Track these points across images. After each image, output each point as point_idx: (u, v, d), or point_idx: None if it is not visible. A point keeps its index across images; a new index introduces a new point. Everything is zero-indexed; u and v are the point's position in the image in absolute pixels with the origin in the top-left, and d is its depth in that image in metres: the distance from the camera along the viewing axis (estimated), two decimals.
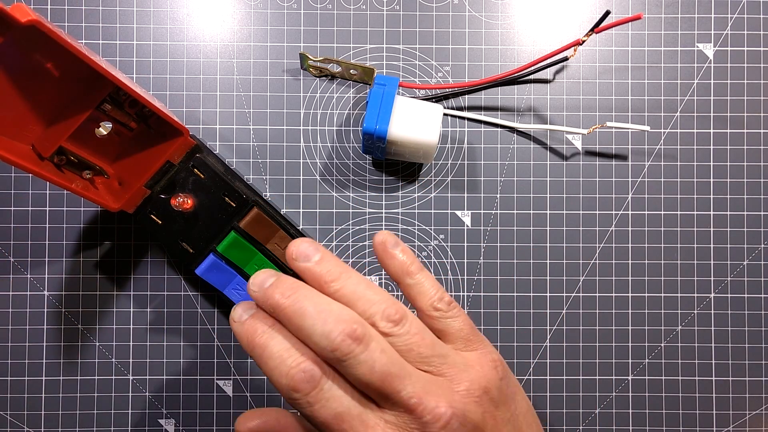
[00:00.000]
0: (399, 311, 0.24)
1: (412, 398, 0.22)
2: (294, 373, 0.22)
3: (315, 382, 0.22)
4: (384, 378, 0.22)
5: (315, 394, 0.22)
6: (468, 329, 0.26)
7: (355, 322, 0.23)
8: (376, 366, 0.22)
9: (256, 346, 0.24)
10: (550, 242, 0.35)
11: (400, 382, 0.22)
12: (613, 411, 0.35)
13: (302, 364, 0.23)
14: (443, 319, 0.26)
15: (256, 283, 0.25)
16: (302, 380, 0.22)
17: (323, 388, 0.22)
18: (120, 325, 0.34)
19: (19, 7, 0.21)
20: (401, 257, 0.26)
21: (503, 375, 0.26)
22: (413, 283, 0.26)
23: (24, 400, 0.34)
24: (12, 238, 0.34)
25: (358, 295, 0.24)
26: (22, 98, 0.26)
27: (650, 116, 0.35)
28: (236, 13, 0.35)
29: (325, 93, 0.35)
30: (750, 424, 0.35)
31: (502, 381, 0.25)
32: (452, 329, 0.26)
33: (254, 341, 0.24)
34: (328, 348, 0.22)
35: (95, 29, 0.35)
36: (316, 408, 0.22)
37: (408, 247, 0.27)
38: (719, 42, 0.35)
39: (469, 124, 0.35)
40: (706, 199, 0.35)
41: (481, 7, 0.35)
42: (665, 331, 0.35)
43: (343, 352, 0.22)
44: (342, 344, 0.22)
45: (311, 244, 0.26)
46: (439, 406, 0.22)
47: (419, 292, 0.26)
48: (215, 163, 0.31)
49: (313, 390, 0.22)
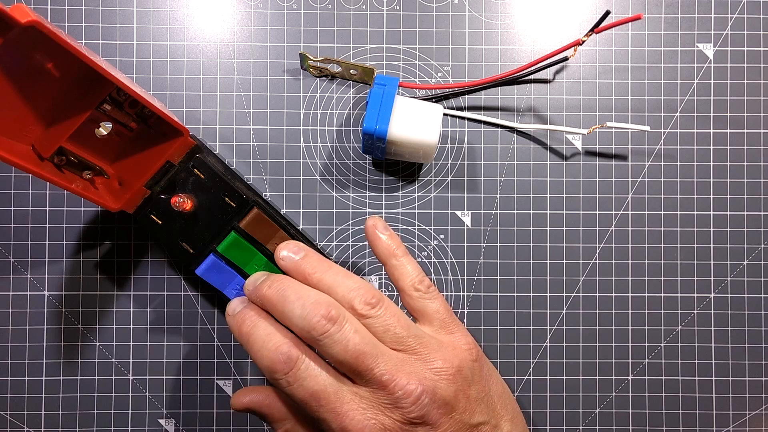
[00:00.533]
0: (376, 296, 0.26)
1: (384, 375, 0.24)
2: (273, 355, 0.25)
3: (292, 363, 0.24)
4: (357, 356, 0.24)
5: (293, 373, 0.24)
6: (444, 312, 0.28)
7: (331, 305, 0.25)
8: (350, 344, 0.24)
9: (243, 333, 0.26)
10: (550, 242, 0.35)
11: (373, 360, 0.24)
12: (613, 411, 0.35)
13: (281, 347, 0.25)
14: (422, 299, 0.28)
15: (250, 282, 0.28)
16: (280, 361, 0.24)
17: (300, 368, 0.24)
18: (120, 325, 0.34)
19: (19, 8, 0.21)
20: (387, 241, 0.28)
21: (476, 357, 0.27)
22: (397, 264, 0.28)
23: (24, 400, 0.34)
24: (12, 238, 0.34)
25: (337, 282, 0.26)
26: (22, 98, 0.26)
27: (650, 116, 0.35)
28: (236, 13, 0.35)
29: (325, 93, 0.35)
30: (750, 424, 0.35)
31: (475, 363, 0.27)
32: (430, 310, 0.28)
33: (242, 329, 0.26)
34: (305, 329, 0.24)
35: (95, 29, 0.35)
36: (295, 387, 0.24)
37: (395, 234, 0.29)
38: (719, 42, 0.35)
39: (469, 124, 0.35)
40: (706, 199, 0.35)
41: (481, 7, 0.35)
42: (665, 331, 0.35)
43: (319, 331, 0.24)
44: (318, 324, 0.24)
45: (296, 244, 0.28)
46: (410, 382, 0.24)
47: (402, 273, 0.28)
48: (215, 163, 0.31)
49: (291, 370, 0.24)
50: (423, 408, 0.24)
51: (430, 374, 0.25)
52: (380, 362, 0.24)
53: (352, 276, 0.27)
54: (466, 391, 0.25)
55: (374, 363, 0.24)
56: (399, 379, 0.24)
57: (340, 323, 0.24)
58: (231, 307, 0.28)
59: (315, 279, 0.27)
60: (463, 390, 0.25)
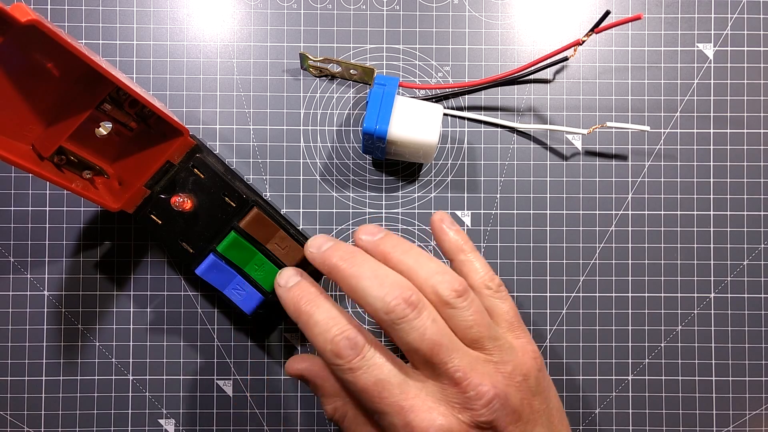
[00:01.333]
0: (462, 284, 0.24)
1: (458, 372, 0.23)
2: (339, 340, 0.23)
3: (358, 349, 0.23)
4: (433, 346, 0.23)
5: (358, 360, 0.23)
6: (514, 314, 0.27)
7: (411, 289, 0.23)
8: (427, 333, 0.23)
9: (302, 312, 0.25)
10: (550, 242, 0.35)
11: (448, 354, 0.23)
12: (613, 411, 0.35)
13: (347, 332, 0.23)
14: (492, 298, 0.26)
15: (314, 245, 0.26)
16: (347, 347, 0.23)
17: (366, 356, 0.23)
18: (120, 325, 0.34)
19: (19, 7, 0.21)
20: (454, 236, 0.27)
21: (541, 367, 0.26)
22: (465, 260, 0.27)
23: (24, 400, 0.34)
24: (12, 238, 0.34)
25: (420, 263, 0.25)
26: (22, 98, 0.26)
27: (650, 116, 0.35)
28: (236, 13, 0.35)
29: (325, 93, 0.35)
30: (750, 424, 0.35)
31: (540, 372, 0.25)
32: (500, 310, 0.26)
33: (301, 308, 0.25)
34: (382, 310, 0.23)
35: (95, 29, 0.35)
36: (358, 374, 0.23)
37: (462, 230, 0.28)
38: (719, 42, 0.35)
39: (469, 124, 0.35)
40: (706, 199, 0.35)
41: (481, 7, 0.35)
42: (665, 331, 0.35)
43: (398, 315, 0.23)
44: (397, 307, 0.23)
45: (376, 226, 0.27)
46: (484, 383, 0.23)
47: (471, 269, 0.27)
48: (215, 163, 0.31)
49: (356, 357, 0.23)
50: (494, 412, 0.23)
51: (501, 378, 0.24)
52: (455, 357, 0.23)
53: (435, 259, 0.25)
54: (531, 401, 0.24)
55: (449, 357, 0.23)
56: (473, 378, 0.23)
57: (420, 309, 0.23)
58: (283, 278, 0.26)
59: (395, 258, 0.25)
60: (528, 399, 0.24)
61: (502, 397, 0.23)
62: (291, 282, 0.26)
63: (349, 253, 0.25)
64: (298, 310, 0.25)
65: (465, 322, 0.24)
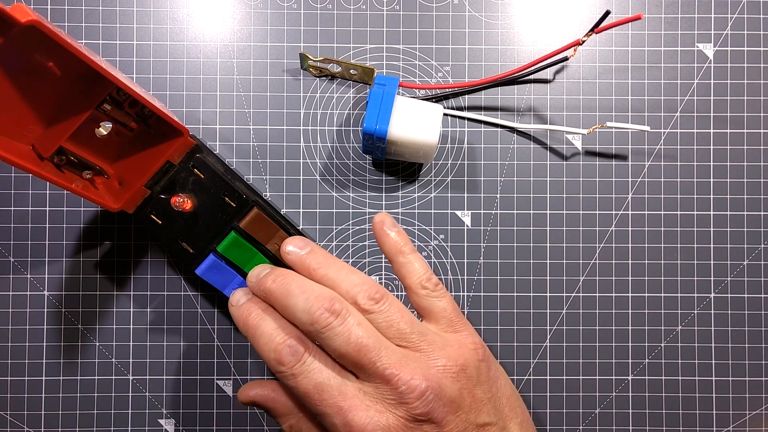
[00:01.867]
0: (380, 292, 0.26)
1: (387, 369, 0.24)
2: (280, 348, 0.25)
3: (299, 356, 0.25)
4: (359, 349, 0.24)
5: (298, 366, 0.24)
6: (452, 310, 0.28)
7: (334, 299, 0.25)
8: (352, 337, 0.24)
9: (249, 326, 0.26)
10: (550, 242, 0.35)
11: (376, 353, 0.24)
12: (613, 411, 0.35)
13: (288, 341, 0.25)
14: (429, 297, 0.27)
15: (253, 274, 0.28)
16: (288, 353, 0.24)
17: (305, 362, 0.24)
18: (120, 325, 0.34)
19: (19, 7, 0.21)
20: (395, 237, 0.28)
21: (483, 357, 0.27)
22: (404, 261, 0.28)
23: (24, 400, 0.34)
24: (12, 238, 0.34)
25: (341, 278, 0.26)
26: (22, 98, 0.26)
27: (650, 116, 0.35)
28: (236, 13, 0.35)
29: (325, 93, 0.35)
30: (750, 424, 0.35)
31: (481, 363, 0.26)
32: (437, 308, 0.27)
33: (248, 322, 0.26)
34: (308, 321, 0.24)
35: (95, 29, 0.35)
36: (299, 379, 0.24)
37: (403, 230, 0.29)
38: (719, 42, 0.35)
39: (469, 124, 0.35)
40: (706, 199, 0.35)
41: (481, 7, 0.35)
42: (665, 331, 0.35)
43: (321, 324, 0.24)
44: (321, 317, 0.24)
45: (302, 239, 0.29)
46: (414, 377, 0.24)
47: (409, 271, 0.28)
48: (215, 163, 0.31)
49: (297, 363, 0.24)
50: (428, 404, 0.23)
51: (434, 371, 0.24)
52: (383, 356, 0.24)
53: (356, 272, 0.27)
54: (472, 391, 0.25)
55: (377, 356, 0.24)
56: (402, 373, 0.24)
57: (343, 316, 0.24)
58: (235, 298, 0.28)
59: (319, 274, 0.27)
60: (468, 389, 0.25)
61: (435, 389, 0.24)
62: (241, 301, 0.28)
63: (280, 275, 0.27)
64: (246, 324, 0.26)
65: (386, 322, 0.25)
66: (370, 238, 0.35)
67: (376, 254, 0.35)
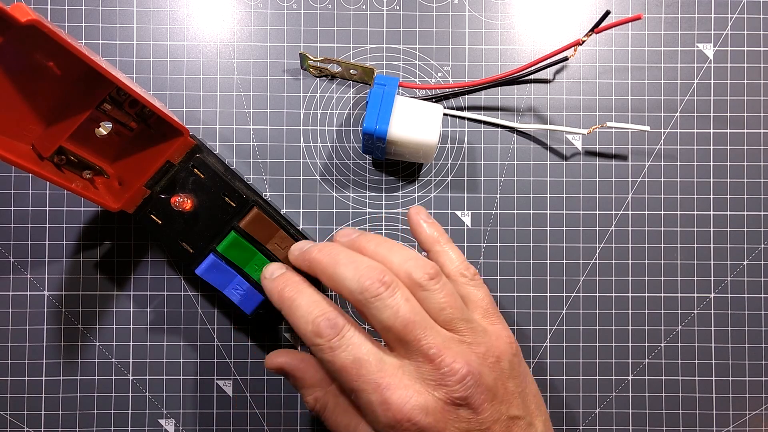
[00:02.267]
0: (435, 268, 0.26)
1: (431, 348, 0.23)
2: (319, 321, 0.24)
3: (338, 329, 0.24)
4: (407, 324, 0.24)
5: (337, 340, 0.24)
6: (489, 301, 0.28)
7: (384, 271, 0.24)
8: (401, 311, 0.24)
9: (285, 299, 0.26)
10: (550, 242, 0.35)
11: (422, 330, 0.24)
12: (613, 411, 0.35)
13: (327, 313, 0.24)
14: (468, 285, 0.28)
15: (296, 248, 0.28)
16: (327, 326, 0.24)
17: (345, 335, 0.24)
18: (120, 325, 0.34)
19: (19, 7, 0.21)
20: (430, 229, 0.29)
21: (516, 352, 0.27)
22: (441, 251, 0.28)
23: (24, 400, 0.34)
24: (12, 238, 0.34)
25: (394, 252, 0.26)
26: (22, 98, 0.26)
27: (650, 116, 0.35)
28: (236, 13, 0.35)
29: (325, 93, 0.35)
30: (750, 424, 0.35)
31: (515, 357, 0.26)
32: (475, 297, 0.27)
33: (284, 294, 0.26)
34: (357, 290, 0.24)
35: (95, 29, 0.35)
36: (337, 353, 0.24)
37: (437, 223, 0.29)
38: (719, 42, 0.35)
39: (469, 124, 0.35)
40: (706, 199, 0.35)
41: (481, 7, 0.35)
42: (665, 331, 0.35)
43: (372, 293, 0.24)
44: (371, 286, 0.24)
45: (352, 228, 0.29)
46: (457, 360, 0.23)
47: (447, 259, 0.28)
48: (215, 163, 0.31)
49: (336, 336, 0.24)
50: (468, 389, 0.23)
51: (475, 357, 0.24)
52: (429, 335, 0.24)
53: (407, 248, 0.27)
54: (505, 383, 0.25)
55: (423, 334, 0.24)
56: (446, 355, 0.23)
57: (393, 289, 0.24)
58: (269, 271, 0.28)
59: (371, 250, 0.26)
60: (502, 380, 0.25)
61: (475, 375, 0.24)
62: (276, 273, 0.27)
63: (326, 245, 0.27)
64: (282, 297, 0.26)
65: (438, 304, 0.25)
66: None
67: None
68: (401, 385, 0.23)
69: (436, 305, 0.25)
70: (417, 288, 0.25)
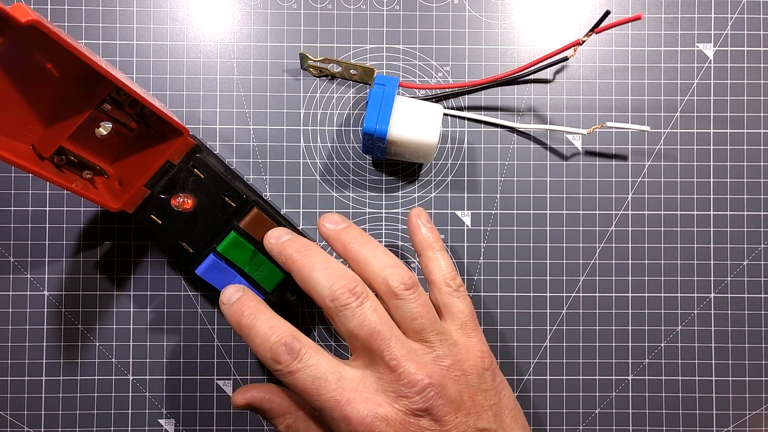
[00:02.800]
0: (412, 278, 0.26)
1: (393, 360, 0.24)
2: (276, 347, 0.25)
3: (295, 353, 0.24)
4: (371, 334, 0.24)
5: (296, 363, 0.24)
6: (468, 314, 0.28)
7: (356, 281, 0.25)
8: (366, 321, 0.24)
9: (243, 326, 0.26)
10: (550, 242, 0.35)
11: (385, 342, 0.24)
12: (613, 411, 0.35)
13: (284, 338, 0.25)
14: (450, 296, 0.28)
15: (273, 236, 0.28)
16: (284, 352, 0.24)
17: (302, 358, 0.24)
18: (120, 325, 0.34)
19: (19, 7, 0.21)
20: (427, 233, 0.29)
21: (488, 366, 0.27)
22: (432, 257, 0.28)
23: (24, 400, 0.34)
24: (12, 238, 0.34)
25: (376, 255, 0.26)
26: (22, 98, 0.26)
27: (650, 116, 0.35)
28: (236, 13, 0.35)
29: (325, 93, 0.35)
30: (750, 424, 0.35)
31: (486, 371, 0.26)
32: (455, 308, 0.28)
33: (241, 322, 0.26)
34: (328, 297, 0.25)
35: (95, 29, 0.35)
36: (297, 376, 0.24)
37: (436, 229, 0.30)
38: (719, 42, 0.35)
39: (469, 124, 0.35)
40: (706, 199, 0.35)
41: (481, 7, 0.35)
42: (665, 331, 0.35)
43: (341, 302, 0.24)
44: (341, 295, 0.24)
45: (340, 216, 0.28)
46: (418, 372, 0.24)
47: (436, 266, 0.28)
48: (215, 163, 0.31)
49: (294, 360, 0.24)
50: (429, 400, 0.23)
51: (438, 369, 0.25)
52: (392, 346, 0.24)
53: (391, 254, 0.27)
54: (473, 396, 0.25)
55: (386, 345, 0.24)
56: (407, 366, 0.24)
57: (362, 299, 0.24)
58: (226, 296, 0.28)
59: (353, 248, 0.27)
60: (470, 393, 0.25)
61: (437, 386, 0.24)
62: (233, 298, 0.27)
63: (304, 246, 0.27)
64: (240, 324, 0.26)
65: (410, 313, 0.25)
66: None
67: None
68: (361, 398, 0.24)
69: (408, 314, 0.25)
70: (391, 296, 0.25)
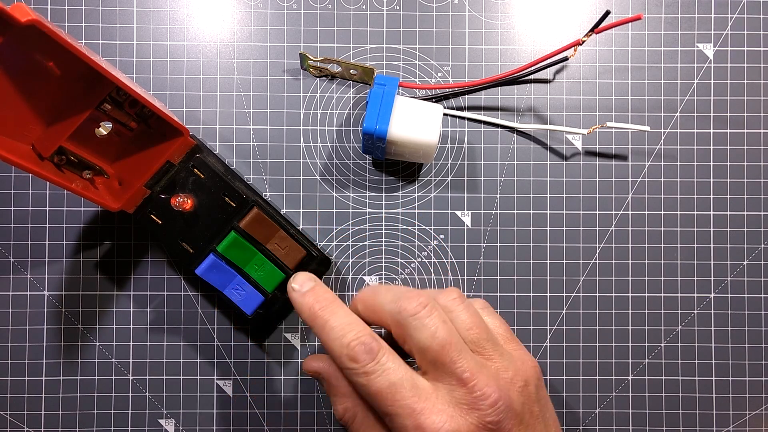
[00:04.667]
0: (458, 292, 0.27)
1: (466, 372, 0.24)
2: (354, 345, 0.24)
3: (373, 354, 0.24)
4: (443, 345, 0.24)
5: (373, 365, 0.24)
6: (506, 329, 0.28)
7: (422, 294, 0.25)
8: (438, 333, 0.24)
9: (318, 317, 0.26)
10: (550, 242, 0.35)
11: (458, 353, 0.24)
12: (613, 411, 0.35)
13: (362, 337, 0.24)
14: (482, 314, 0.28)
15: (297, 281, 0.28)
16: (362, 351, 0.24)
17: (380, 360, 0.24)
18: (120, 325, 0.34)
19: (19, 7, 0.21)
20: None
21: (540, 377, 0.27)
22: None
23: (24, 400, 0.34)
24: (12, 238, 0.34)
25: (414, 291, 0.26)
26: (22, 98, 0.26)
27: (650, 116, 0.35)
28: (236, 13, 0.35)
29: (325, 93, 0.35)
30: (750, 424, 0.35)
31: (539, 381, 0.27)
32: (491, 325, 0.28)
33: (316, 313, 0.26)
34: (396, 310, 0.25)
35: (95, 29, 0.35)
36: (373, 378, 0.24)
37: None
38: (719, 42, 0.35)
39: (469, 124, 0.35)
40: (706, 199, 0.35)
41: (481, 7, 0.35)
42: (665, 331, 0.35)
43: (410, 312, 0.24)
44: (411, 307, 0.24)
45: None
46: (490, 385, 0.24)
47: None
48: (215, 163, 0.31)
49: (371, 361, 0.24)
50: (499, 414, 0.23)
51: (503, 382, 0.24)
52: (463, 357, 0.24)
53: None
54: (531, 407, 0.25)
55: (458, 356, 0.24)
56: (479, 379, 0.24)
57: (431, 311, 0.24)
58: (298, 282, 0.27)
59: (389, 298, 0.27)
60: (529, 405, 0.25)
61: (506, 400, 0.24)
62: (306, 287, 0.27)
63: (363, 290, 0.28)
64: (314, 314, 0.26)
65: (464, 323, 0.25)
66: (370, 238, 0.35)
67: (376, 254, 0.35)
68: (435, 409, 0.23)
69: (463, 324, 0.25)
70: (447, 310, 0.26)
